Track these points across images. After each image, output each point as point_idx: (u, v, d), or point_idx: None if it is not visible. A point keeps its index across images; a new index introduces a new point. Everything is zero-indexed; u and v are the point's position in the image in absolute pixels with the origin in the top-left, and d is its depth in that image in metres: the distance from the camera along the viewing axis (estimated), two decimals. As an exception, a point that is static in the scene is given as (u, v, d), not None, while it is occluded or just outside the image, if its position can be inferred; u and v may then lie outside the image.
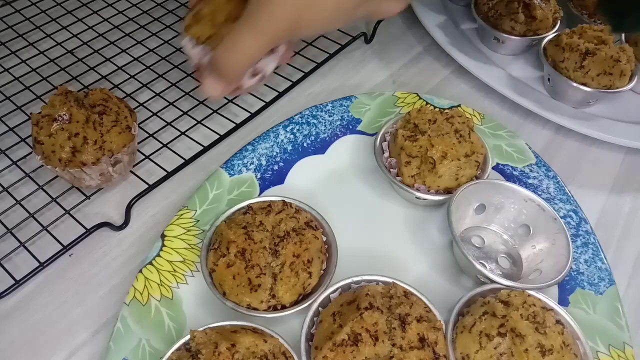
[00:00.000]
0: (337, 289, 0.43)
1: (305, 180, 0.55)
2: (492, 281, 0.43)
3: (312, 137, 0.58)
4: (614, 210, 0.55)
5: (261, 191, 0.53)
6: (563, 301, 0.46)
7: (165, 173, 0.55)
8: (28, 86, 0.63)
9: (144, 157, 0.56)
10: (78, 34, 0.71)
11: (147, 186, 0.53)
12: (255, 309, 0.41)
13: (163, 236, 0.48)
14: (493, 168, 0.55)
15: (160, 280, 0.45)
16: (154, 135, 0.58)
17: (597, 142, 0.61)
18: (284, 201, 0.46)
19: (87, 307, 0.46)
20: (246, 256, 0.41)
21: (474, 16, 0.72)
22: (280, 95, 0.64)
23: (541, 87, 0.66)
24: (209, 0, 0.49)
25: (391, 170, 0.51)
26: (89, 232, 0.49)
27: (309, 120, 0.59)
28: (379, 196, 0.54)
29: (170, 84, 0.64)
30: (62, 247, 0.48)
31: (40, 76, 0.64)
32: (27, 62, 0.66)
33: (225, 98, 0.63)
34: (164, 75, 0.65)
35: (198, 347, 0.36)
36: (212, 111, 0.61)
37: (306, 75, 0.67)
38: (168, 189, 0.55)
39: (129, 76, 0.65)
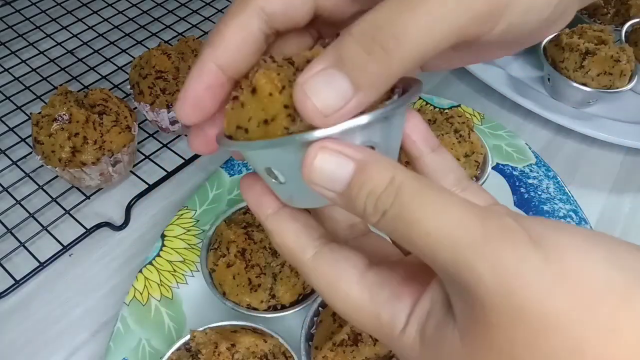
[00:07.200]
0: (337, 289, 0.43)
1: (305, 180, 0.54)
2: None
3: (312, 137, 0.58)
4: (614, 210, 0.55)
5: (261, 191, 0.53)
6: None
7: (165, 173, 0.55)
8: (28, 86, 0.63)
9: (144, 157, 0.56)
10: (78, 34, 0.71)
11: (147, 186, 0.53)
12: (255, 309, 0.41)
13: (163, 236, 0.48)
14: (493, 168, 0.54)
15: (160, 280, 0.45)
16: (154, 135, 0.58)
17: (597, 142, 0.61)
18: (284, 201, 0.45)
19: (87, 307, 0.46)
20: (246, 256, 0.41)
21: (474, 16, 0.72)
22: (280, 95, 0.64)
23: (541, 87, 0.66)
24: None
25: (391, 170, 0.51)
26: (89, 232, 0.49)
27: (309, 120, 0.59)
28: (379, 196, 0.54)
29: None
30: (62, 247, 0.48)
31: (40, 76, 0.64)
32: (27, 62, 0.66)
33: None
34: (164, 75, 0.65)
35: (198, 347, 0.36)
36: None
37: (306, 75, 0.67)
38: (168, 189, 0.55)
39: (129, 76, 0.65)
